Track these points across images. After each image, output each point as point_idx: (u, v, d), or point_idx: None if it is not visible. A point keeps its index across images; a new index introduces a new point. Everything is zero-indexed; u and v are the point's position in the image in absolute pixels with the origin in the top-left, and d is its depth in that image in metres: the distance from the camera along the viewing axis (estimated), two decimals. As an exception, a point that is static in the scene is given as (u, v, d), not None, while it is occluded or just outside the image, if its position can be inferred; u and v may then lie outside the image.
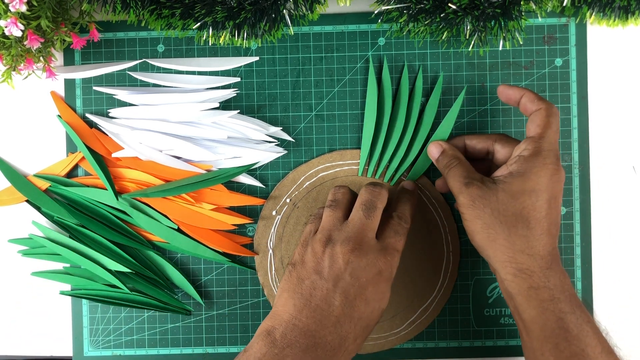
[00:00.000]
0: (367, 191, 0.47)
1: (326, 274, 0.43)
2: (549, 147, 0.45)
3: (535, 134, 0.45)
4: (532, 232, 0.44)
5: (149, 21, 0.51)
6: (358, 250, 0.44)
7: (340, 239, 0.44)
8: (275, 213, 0.54)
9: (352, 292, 0.43)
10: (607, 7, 0.50)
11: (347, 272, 0.43)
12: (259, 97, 0.54)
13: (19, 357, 0.56)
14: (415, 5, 0.48)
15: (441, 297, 0.54)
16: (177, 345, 0.55)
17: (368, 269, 0.43)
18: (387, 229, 0.46)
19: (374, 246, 0.44)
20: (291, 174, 0.54)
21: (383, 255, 0.44)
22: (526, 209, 0.44)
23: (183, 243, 0.53)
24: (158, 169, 0.53)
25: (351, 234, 0.44)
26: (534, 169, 0.44)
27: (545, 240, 0.44)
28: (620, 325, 0.55)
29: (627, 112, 0.55)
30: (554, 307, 0.43)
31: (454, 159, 0.48)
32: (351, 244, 0.44)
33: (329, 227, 0.45)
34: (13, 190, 0.54)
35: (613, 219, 0.55)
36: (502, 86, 0.49)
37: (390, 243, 0.45)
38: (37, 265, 0.55)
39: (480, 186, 0.45)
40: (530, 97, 0.47)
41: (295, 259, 0.46)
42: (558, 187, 0.45)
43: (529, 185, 0.44)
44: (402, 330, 0.54)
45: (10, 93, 0.55)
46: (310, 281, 0.44)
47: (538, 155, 0.44)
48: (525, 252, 0.44)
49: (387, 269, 0.44)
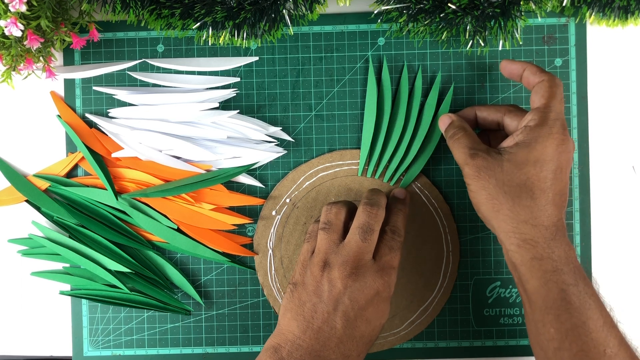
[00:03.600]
0: (365, 213, 0.46)
1: (326, 298, 0.44)
2: (555, 117, 0.44)
3: (540, 105, 0.45)
4: (536, 203, 0.44)
5: (148, 21, 0.51)
6: (355, 274, 0.44)
7: (338, 262, 0.44)
8: (275, 213, 0.54)
9: (352, 314, 0.44)
10: (606, 7, 0.50)
11: (345, 296, 0.44)
12: (259, 97, 0.54)
13: (19, 357, 0.56)
14: (415, 5, 0.48)
15: (441, 297, 0.54)
16: (177, 345, 0.55)
17: (366, 291, 0.44)
18: (382, 246, 0.46)
19: (371, 268, 0.45)
20: (291, 174, 0.54)
21: (380, 276, 0.45)
22: (530, 179, 0.44)
23: (183, 243, 0.53)
24: (158, 169, 0.53)
25: (348, 258, 0.44)
26: (539, 139, 0.44)
27: (549, 211, 0.44)
28: (620, 325, 0.55)
29: (627, 112, 0.55)
30: (557, 279, 0.43)
31: (459, 129, 0.48)
32: (348, 268, 0.44)
33: (325, 250, 0.45)
34: (13, 190, 0.54)
35: (613, 219, 0.55)
36: (505, 61, 0.49)
37: (386, 262, 0.45)
38: (36, 265, 0.55)
39: (486, 157, 0.45)
40: (532, 70, 0.47)
41: (296, 279, 0.46)
42: (565, 157, 0.44)
43: (534, 155, 0.44)
44: (401, 330, 0.54)
45: (10, 93, 0.55)
46: (312, 304, 0.44)
47: (544, 125, 0.44)
48: (529, 222, 0.44)
49: (384, 289, 0.45)
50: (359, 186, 0.54)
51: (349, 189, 0.54)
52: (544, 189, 0.44)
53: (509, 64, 0.49)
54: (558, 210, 0.44)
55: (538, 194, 0.44)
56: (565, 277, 0.43)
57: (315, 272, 0.45)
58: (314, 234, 0.47)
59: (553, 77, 0.46)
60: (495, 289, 0.54)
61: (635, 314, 0.55)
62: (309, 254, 0.47)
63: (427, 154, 0.53)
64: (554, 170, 0.44)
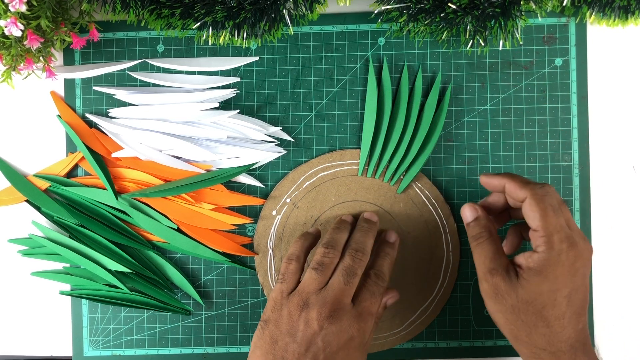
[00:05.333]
0: (350, 257, 0.46)
1: (299, 338, 0.44)
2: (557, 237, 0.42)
3: (536, 227, 0.42)
4: (552, 330, 0.43)
5: (148, 21, 0.51)
6: (332, 317, 0.44)
7: (318, 303, 0.44)
8: (275, 213, 0.54)
9: (322, 357, 0.43)
10: (607, 7, 0.50)
11: (319, 338, 0.43)
12: (259, 97, 0.54)
13: (19, 357, 0.56)
14: (415, 5, 0.48)
15: (441, 297, 0.54)
16: (177, 345, 0.55)
17: (340, 335, 0.44)
18: (364, 290, 0.46)
19: (349, 312, 0.45)
20: (291, 174, 0.54)
21: (357, 321, 0.44)
22: (545, 309, 0.42)
23: (183, 243, 0.53)
24: (158, 169, 0.53)
25: (328, 299, 0.44)
26: (549, 268, 0.42)
27: (567, 334, 0.43)
28: (620, 325, 0.55)
29: (627, 112, 0.55)
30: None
31: (485, 231, 0.46)
32: (327, 309, 0.44)
33: (309, 290, 0.45)
34: (13, 190, 0.54)
35: (613, 219, 0.55)
36: (483, 176, 0.47)
37: (365, 307, 0.45)
38: (37, 265, 0.55)
39: (504, 278, 0.43)
40: (513, 185, 0.44)
41: (268, 317, 0.45)
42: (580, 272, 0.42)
43: (547, 285, 0.42)
44: (402, 330, 0.54)
45: (10, 93, 0.55)
46: (284, 343, 0.44)
47: (551, 251, 0.42)
48: (547, 349, 0.43)
49: (359, 336, 0.44)
50: (359, 186, 0.54)
51: (349, 189, 0.54)
52: (558, 316, 0.43)
53: (488, 179, 0.46)
54: (574, 328, 0.43)
55: (553, 322, 0.43)
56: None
57: (293, 311, 0.45)
58: (288, 276, 0.47)
59: (535, 191, 0.43)
60: (496, 289, 0.54)
61: (635, 314, 0.55)
62: (283, 293, 0.46)
63: (427, 153, 0.53)
64: (568, 294, 0.42)
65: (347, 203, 0.54)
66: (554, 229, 0.42)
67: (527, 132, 0.54)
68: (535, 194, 0.43)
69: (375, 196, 0.54)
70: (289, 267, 0.47)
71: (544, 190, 0.43)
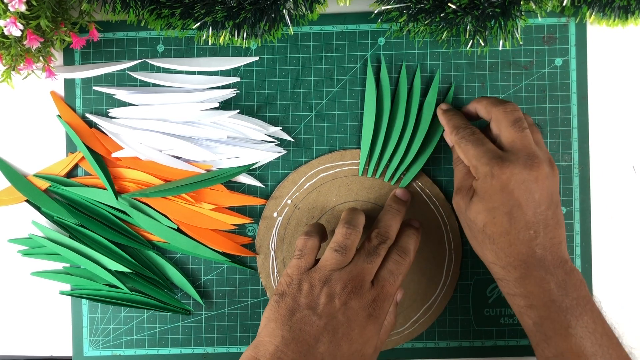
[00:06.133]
0: (376, 239, 0.47)
1: (320, 311, 0.44)
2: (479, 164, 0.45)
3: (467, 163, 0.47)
4: (498, 246, 0.45)
5: (148, 21, 0.51)
6: (354, 293, 0.44)
7: (342, 279, 0.45)
8: (276, 214, 0.54)
9: (341, 332, 0.44)
10: (607, 7, 0.50)
11: (340, 312, 0.44)
12: (259, 97, 0.54)
13: (19, 357, 0.56)
14: (415, 5, 0.48)
15: (444, 296, 0.54)
16: (177, 345, 0.55)
17: (360, 312, 0.44)
18: (384, 270, 0.46)
19: (369, 291, 0.45)
20: (291, 175, 0.54)
21: (374, 301, 0.45)
22: (487, 226, 0.45)
23: (183, 243, 0.53)
24: (158, 169, 0.53)
25: (352, 276, 0.45)
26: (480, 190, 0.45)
27: (517, 249, 0.44)
28: (621, 325, 0.55)
29: (627, 112, 0.55)
30: (530, 313, 0.44)
31: (458, 156, 0.49)
32: (350, 286, 0.45)
33: (331, 268, 0.45)
34: (13, 190, 0.54)
35: (613, 219, 0.55)
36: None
37: (383, 287, 0.46)
38: (37, 265, 0.55)
39: (463, 197, 0.47)
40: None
41: (283, 290, 0.45)
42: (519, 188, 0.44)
43: (482, 205, 0.45)
44: (405, 329, 0.54)
45: (10, 93, 0.55)
46: (302, 315, 0.44)
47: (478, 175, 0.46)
48: (497, 263, 0.45)
49: (376, 314, 0.45)
50: (360, 186, 0.54)
51: (349, 190, 0.54)
52: (501, 232, 0.44)
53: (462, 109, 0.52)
54: (526, 246, 0.44)
55: (497, 238, 0.44)
56: (540, 312, 0.44)
57: (315, 284, 0.45)
58: (306, 252, 0.47)
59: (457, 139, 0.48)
60: (496, 289, 0.54)
61: (635, 314, 0.55)
62: (301, 269, 0.46)
63: (427, 152, 0.53)
64: (508, 212, 0.44)
65: (348, 203, 0.54)
66: (476, 158, 0.45)
67: (527, 132, 0.54)
68: (457, 140, 0.48)
69: (376, 196, 0.54)
70: (307, 243, 0.47)
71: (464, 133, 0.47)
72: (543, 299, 0.43)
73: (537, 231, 0.44)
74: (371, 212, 0.54)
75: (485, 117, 0.49)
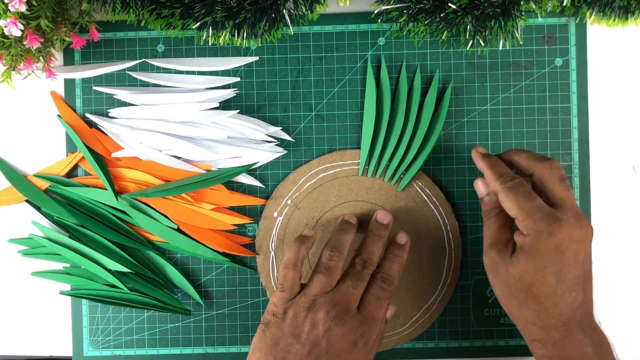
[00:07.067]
0: (359, 265, 0.47)
1: (304, 339, 0.44)
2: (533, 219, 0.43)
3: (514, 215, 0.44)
4: (542, 307, 0.44)
5: (148, 21, 0.51)
6: (339, 318, 0.44)
7: (326, 305, 0.45)
8: (276, 215, 0.54)
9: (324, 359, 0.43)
10: (607, 7, 0.50)
11: (324, 339, 0.44)
12: (259, 97, 0.54)
13: (19, 357, 0.56)
14: (415, 5, 0.48)
15: (444, 296, 0.54)
16: (177, 345, 0.55)
17: (344, 338, 0.44)
18: (369, 295, 0.46)
19: (354, 316, 0.45)
20: (291, 175, 0.54)
21: (361, 326, 0.45)
22: (534, 286, 0.43)
23: (183, 243, 0.53)
24: (158, 169, 0.53)
25: (336, 302, 0.45)
26: (533, 247, 0.43)
27: (560, 311, 0.43)
28: (621, 326, 0.55)
29: (627, 112, 0.55)
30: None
31: (494, 207, 0.47)
32: (334, 311, 0.44)
33: (316, 293, 0.46)
34: (13, 190, 0.54)
35: (613, 219, 0.55)
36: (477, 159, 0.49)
37: (370, 312, 0.46)
38: (37, 265, 0.55)
39: (500, 252, 0.45)
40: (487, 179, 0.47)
41: (269, 320, 0.46)
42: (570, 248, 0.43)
43: (532, 263, 0.43)
44: (405, 329, 0.54)
45: (10, 93, 0.55)
46: (286, 344, 0.44)
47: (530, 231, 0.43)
48: (537, 324, 0.44)
49: (362, 341, 0.45)
50: (360, 186, 0.54)
51: (349, 189, 0.54)
52: (548, 293, 0.43)
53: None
54: (568, 306, 0.43)
55: (543, 299, 0.43)
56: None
57: (299, 312, 0.45)
58: (287, 285, 0.46)
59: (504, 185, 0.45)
60: (496, 288, 0.54)
61: (635, 314, 0.55)
62: (284, 300, 0.46)
63: (427, 151, 0.53)
64: (557, 272, 0.43)
65: (348, 203, 0.54)
66: (528, 213, 0.43)
67: (527, 132, 0.54)
68: (504, 188, 0.45)
69: (376, 196, 0.54)
70: (287, 276, 0.47)
71: (513, 183, 0.45)
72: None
73: (579, 293, 0.43)
74: (371, 212, 0.54)
75: (525, 170, 0.47)
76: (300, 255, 0.48)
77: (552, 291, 0.43)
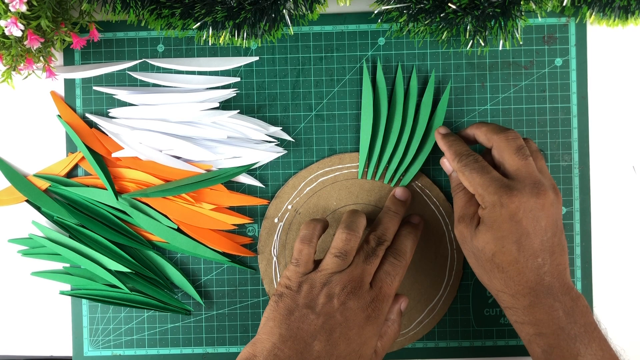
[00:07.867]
0: (374, 242, 0.48)
1: (318, 310, 0.44)
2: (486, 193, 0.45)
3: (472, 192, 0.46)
4: (507, 275, 0.45)
5: (148, 21, 0.51)
6: (353, 293, 0.45)
7: (341, 281, 0.45)
8: (277, 220, 0.54)
9: (338, 331, 0.44)
10: (607, 7, 0.50)
11: (338, 312, 0.44)
12: (259, 97, 0.54)
13: (19, 357, 0.56)
14: (415, 5, 0.48)
15: (447, 296, 0.54)
16: (177, 345, 0.55)
17: (358, 313, 0.45)
18: (381, 272, 0.47)
19: (367, 292, 0.46)
20: (291, 180, 0.54)
21: (373, 302, 0.46)
22: (496, 255, 0.45)
23: (183, 243, 0.53)
24: (158, 169, 0.53)
25: (351, 278, 0.46)
26: (488, 219, 0.45)
27: (526, 277, 0.44)
28: (621, 326, 0.55)
29: (627, 112, 0.55)
30: (539, 341, 0.44)
31: (460, 184, 0.49)
32: (349, 287, 0.45)
33: (332, 271, 0.46)
34: (13, 190, 0.54)
35: (613, 219, 0.55)
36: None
37: (382, 289, 0.46)
38: (37, 265, 0.55)
39: (467, 226, 0.46)
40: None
41: (282, 291, 0.46)
42: (527, 217, 0.44)
43: (491, 234, 0.44)
44: (410, 330, 0.54)
45: (10, 93, 0.55)
46: (301, 314, 0.44)
47: (486, 204, 0.45)
48: (506, 292, 0.45)
49: (373, 316, 0.45)
50: (360, 189, 0.54)
51: (349, 193, 0.54)
52: (510, 261, 0.44)
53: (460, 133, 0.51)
54: (534, 272, 0.44)
55: (507, 267, 0.44)
56: (549, 340, 0.44)
57: (316, 285, 0.45)
58: (302, 261, 0.47)
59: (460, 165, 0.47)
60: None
61: (635, 314, 0.55)
62: (298, 274, 0.46)
63: (426, 152, 0.53)
64: (516, 241, 0.44)
65: (349, 206, 0.54)
66: (482, 187, 0.45)
67: (527, 132, 0.54)
68: (459, 167, 0.47)
69: (376, 198, 0.54)
70: (302, 251, 0.47)
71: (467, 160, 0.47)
72: (552, 326, 0.44)
73: (545, 259, 0.44)
74: (372, 215, 0.54)
75: (485, 144, 0.48)
76: (316, 232, 0.48)
77: (514, 259, 0.44)
